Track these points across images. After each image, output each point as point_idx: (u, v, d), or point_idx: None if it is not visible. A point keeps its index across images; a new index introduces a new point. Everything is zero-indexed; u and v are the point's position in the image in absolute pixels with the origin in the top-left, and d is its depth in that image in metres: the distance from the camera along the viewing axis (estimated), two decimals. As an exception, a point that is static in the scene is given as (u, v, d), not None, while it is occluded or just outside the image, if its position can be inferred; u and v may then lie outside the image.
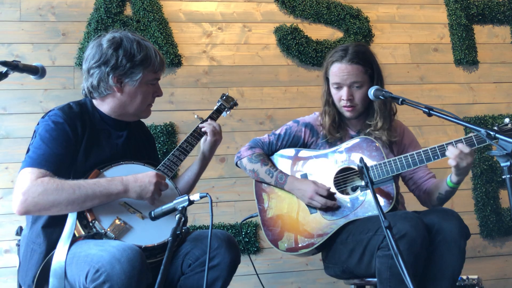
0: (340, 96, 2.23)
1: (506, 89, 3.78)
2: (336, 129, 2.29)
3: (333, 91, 2.28)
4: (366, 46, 2.37)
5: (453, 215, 2.03)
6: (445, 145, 2.03)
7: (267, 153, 2.37)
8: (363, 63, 2.21)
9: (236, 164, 2.42)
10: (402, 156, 2.10)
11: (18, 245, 1.93)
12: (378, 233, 1.96)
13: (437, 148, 2.05)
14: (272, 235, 2.27)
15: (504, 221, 3.50)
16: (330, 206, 2.16)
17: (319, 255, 2.36)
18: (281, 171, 2.28)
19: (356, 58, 2.20)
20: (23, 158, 1.77)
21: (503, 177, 1.52)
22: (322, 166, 2.25)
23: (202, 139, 2.16)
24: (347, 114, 2.27)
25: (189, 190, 2.15)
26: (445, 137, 3.59)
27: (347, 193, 2.20)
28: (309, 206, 2.21)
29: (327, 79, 2.31)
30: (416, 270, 1.93)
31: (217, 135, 2.16)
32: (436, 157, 2.04)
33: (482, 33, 3.86)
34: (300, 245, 2.20)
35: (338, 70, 2.21)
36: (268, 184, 2.31)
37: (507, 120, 1.89)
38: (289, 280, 3.24)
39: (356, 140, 2.23)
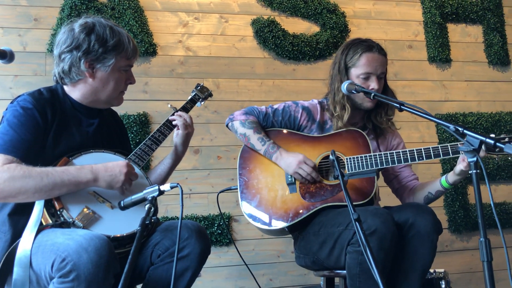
0: (368, 86, 2.24)
1: (477, 88, 3.86)
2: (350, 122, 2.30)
3: (357, 82, 2.24)
4: None
5: (427, 211, 2.08)
6: (439, 147, 2.09)
7: (261, 123, 2.35)
8: (386, 55, 2.31)
9: (227, 126, 2.39)
10: (388, 152, 2.15)
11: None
12: (349, 228, 1.98)
13: (423, 150, 2.10)
14: (249, 209, 2.27)
15: (472, 217, 3.59)
16: (314, 178, 2.17)
17: (291, 248, 2.37)
18: (274, 142, 2.27)
19: (383, 49, 2.30)
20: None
21: (469, 172, 1.56)
22: (308, 151, 2.26)
23: (174, 133, 2.12)
24: (368, 104, 2.28)
25: (161, 183, 2.11)
26: (417, 133, 3.66)
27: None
28: (290, 184, 2.22)
29: (346, 73, 2.29)
30: (385, 266, 1.96)
31: (189, 128, 2.12)
32: (420, 158, 2.11)
33: (456, 31, 3.92)
34: (274, 221, 2.21)
35: (372, 60, 2.25)
36: (257, 151, 2.29)
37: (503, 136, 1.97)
38: (260, 272, 3.25)
39: (344, 130, 2.26)
